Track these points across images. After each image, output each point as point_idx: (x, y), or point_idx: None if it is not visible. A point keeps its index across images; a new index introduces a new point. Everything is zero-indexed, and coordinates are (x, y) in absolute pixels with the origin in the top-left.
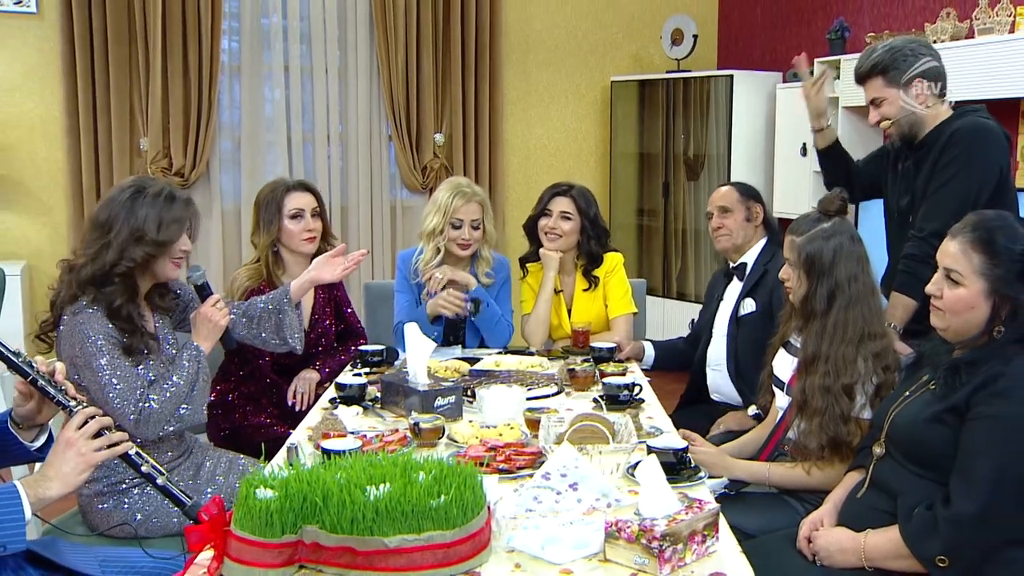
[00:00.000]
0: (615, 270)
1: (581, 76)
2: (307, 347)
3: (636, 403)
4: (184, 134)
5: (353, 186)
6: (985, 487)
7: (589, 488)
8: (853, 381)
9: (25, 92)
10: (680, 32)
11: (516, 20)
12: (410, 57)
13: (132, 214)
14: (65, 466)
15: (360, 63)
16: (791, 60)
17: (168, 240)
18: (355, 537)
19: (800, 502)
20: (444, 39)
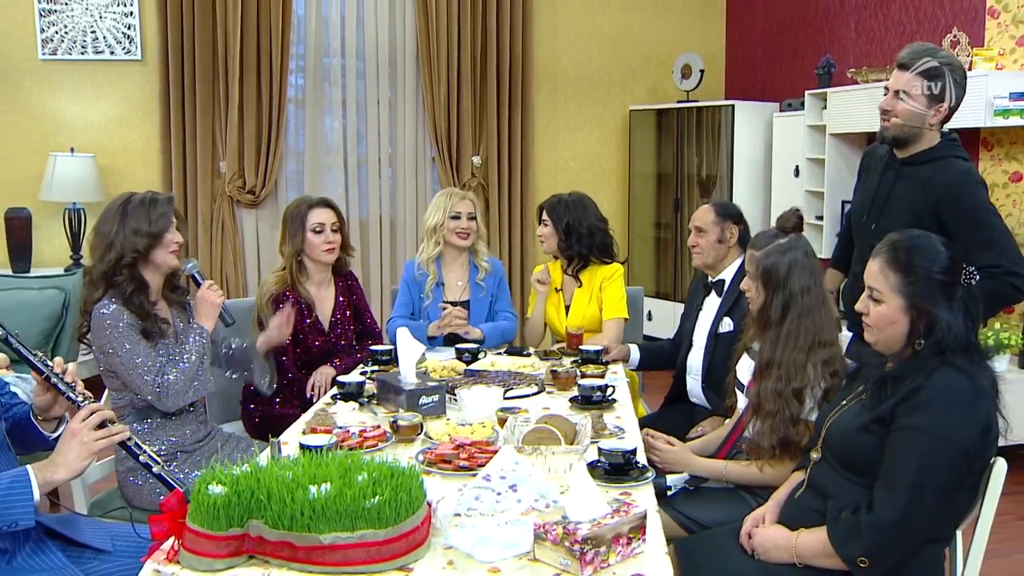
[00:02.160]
0: (612, 278)
1: (603, 106)
2: (327, 346)
3: (608, 404)
4: (256, 158)
5: (400, 202)
6: (905, 494)
7: (528, 489)
8: (803, 386)
9: (131, 125)
10: (689, 67)
11: (545, 57)
12: (451, 89)
13: (126, 216)
14: (70, 453)
15: (408, 95)
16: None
17: (160, 230)
18: (294, 533)
19: (754, 497)
20: (481, 73)
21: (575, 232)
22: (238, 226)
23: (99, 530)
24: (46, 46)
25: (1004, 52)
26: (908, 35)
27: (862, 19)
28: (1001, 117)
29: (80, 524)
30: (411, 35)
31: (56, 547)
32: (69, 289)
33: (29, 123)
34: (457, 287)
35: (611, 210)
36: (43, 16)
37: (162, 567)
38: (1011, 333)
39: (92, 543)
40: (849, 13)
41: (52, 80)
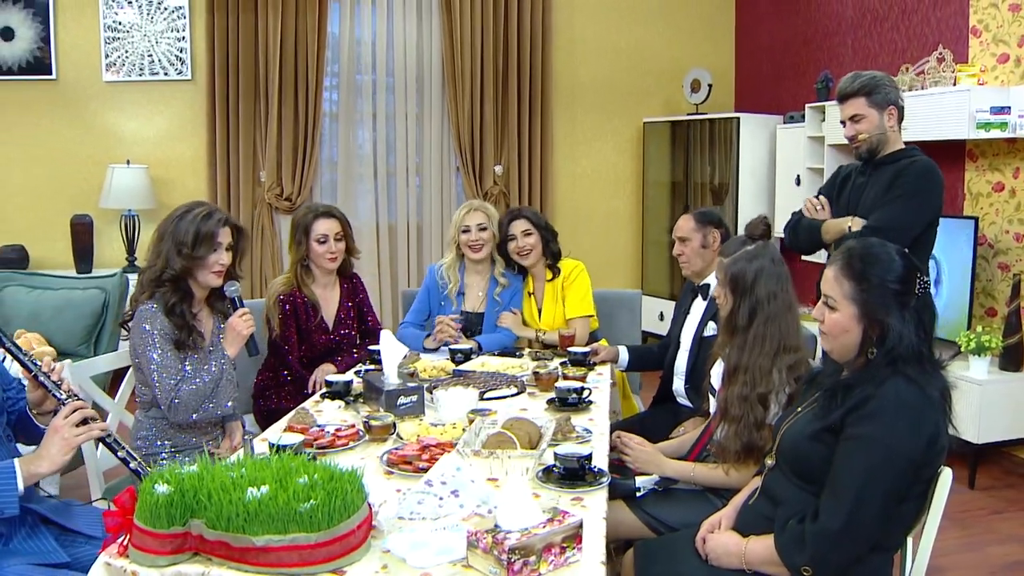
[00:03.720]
0: (573, 275)
1: (618, 117)
2: (331, 344)
3: (584, 405)
4: (293, 167)
5: (427, 208)
6: (848, 503)
7: (470, 495)
8: (768, 391)
9: (181, 139)
10: (698, 81)
11: (564, 71)
12: (475, 103)
13: (177, 229)
14: (52, 448)
15: (434, 109)
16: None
17: (201, 256)
18: (229, 534)
19: (721, 499)
20: (503, 88)
21: (550, 230)
22: (276, 230)
23: (91, 516)
24: (109, 69)
25: (986, 68)
26: (899, 52)
27: (858, 37)
28: (983, 130)
29: (75, 512)
30: (437, 52)
31: (50, 533)
32: (109, 290)
33: (92, 138)
34: (477, 297)
35: (626, 217)
36: (107, 43)
37: (113, 560)
38: (992, 336)
39: (83, 530)
40: (846, 32)
41: (113, 99)
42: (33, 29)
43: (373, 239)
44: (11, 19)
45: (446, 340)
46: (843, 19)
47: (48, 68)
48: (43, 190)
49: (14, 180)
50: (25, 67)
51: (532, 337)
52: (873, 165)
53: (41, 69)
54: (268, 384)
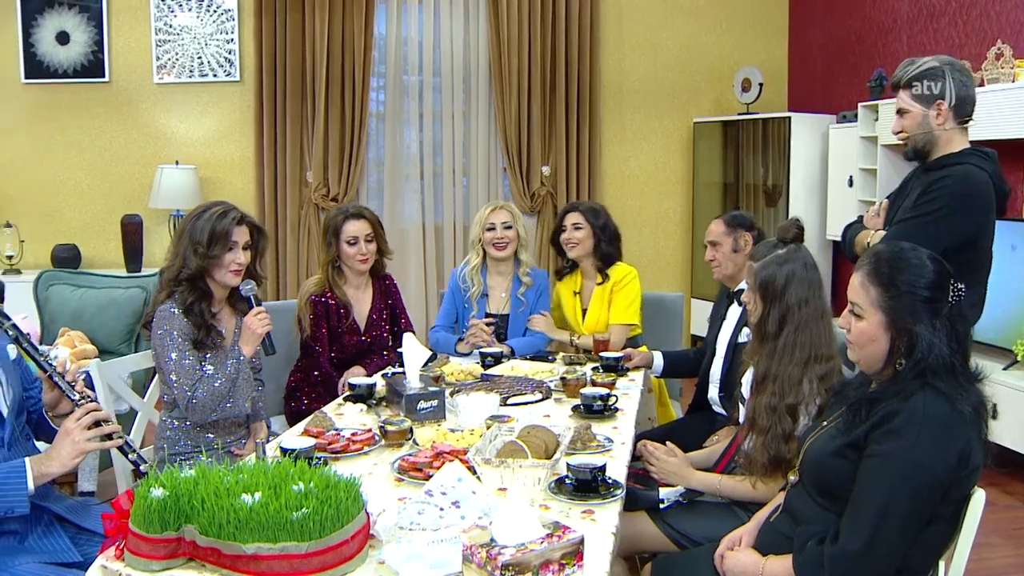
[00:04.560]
0: (625, 281)
1: (668, 117)
2: (362, 346)
3: (610, 413)
4: (339, 168)
5: (474, 210)
6: (869, 525)
7: (471, 506)
8: (797, 402)
9: (229, 139)
10: (749, 80)
11: (612, 70)
12: (522, 103)
13: (193, 228)
14: (63, 450)
15: (481, 109)
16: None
17: (216, 255)
18: (220, 540)
19: (748, 513)
20: (551, 87)
21: (607, 231)
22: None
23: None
24: (160, 71)
25: None
26: (956, 47)
27: (914, 33)
28: None
29: (92, 511)
30: (484, 52)
31: (65, 532)
32: (150, 289)
33: (143, 139)
34: (500, 299)
35: (676, 218)
36: (158, 46)
37: (109, 563)
38: None
39: (98, 529)
40: (901, 27)
41: (164, 100)
42: (87, 33)
43: (419, 240)
44: (67, 24)
45: (479, 344)
46: (898, 15)
47: (101, 71)
48: (95, 190)
49: (68, 180)
50: (80, 70)
51: (566, 341)
52: (923, 168)
53: (95, 72)
54: (299, 385)
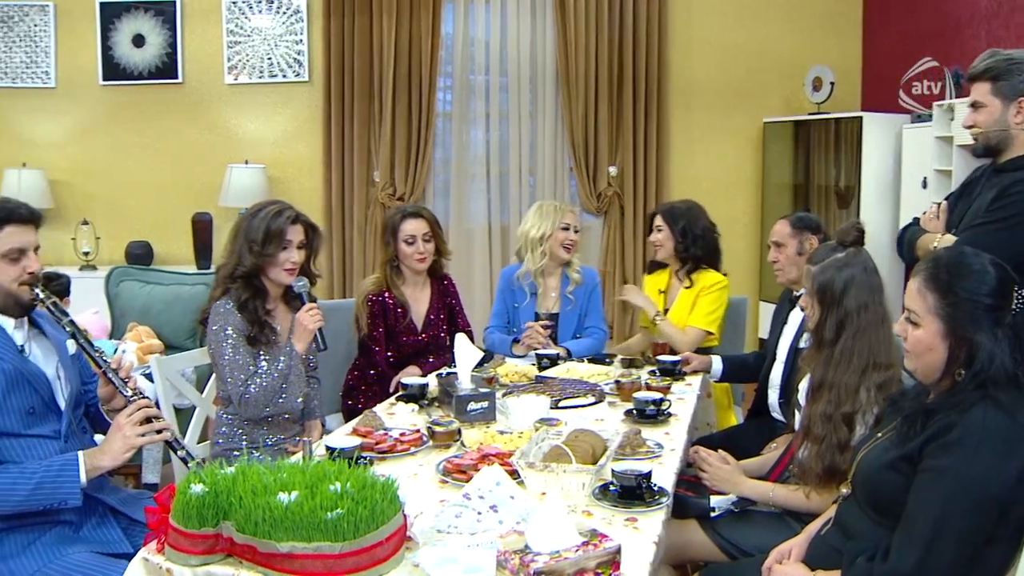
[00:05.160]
0: (713, 288)
1: (737, 117)
2: (419, 345)
3: (664, 418)
4: (406, 168)
5: None
6: (922, 543)
7: (509, 511)
8: (854, 410)
9: (298, 139)
10: (820, 79)
11: (680, 69)
12: (589, 102)
13: (249, 227)
14: (114, 444)
15: (547, 108)
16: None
17: (270, 253)
18: (256, 538)
19: (801, 524)
20: (618, 86)
21: (691, 234)
22: None
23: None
24: (231, 72)
25: None
26: None
27: (992, 28)
28: None
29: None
30: (551, 51)
31: (118, 523)
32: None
33: (214, 138)
34: (550, 298)
35: (745, 219)
36: (230, 47)
37: (151, 556)
38: None
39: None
40: (979, 23)
41: (234, 101)
42: (162, 36)
43: (485, 240)
44: (143, 27)
45: (534, 346)
46: (976, 10)
47: (175, 72)
48: (168, 189)
49: (141, 179)
50: (154, 72)
51: (652, 312)
52: (994, 169)
53: (168, 73)
54: (356, 384)
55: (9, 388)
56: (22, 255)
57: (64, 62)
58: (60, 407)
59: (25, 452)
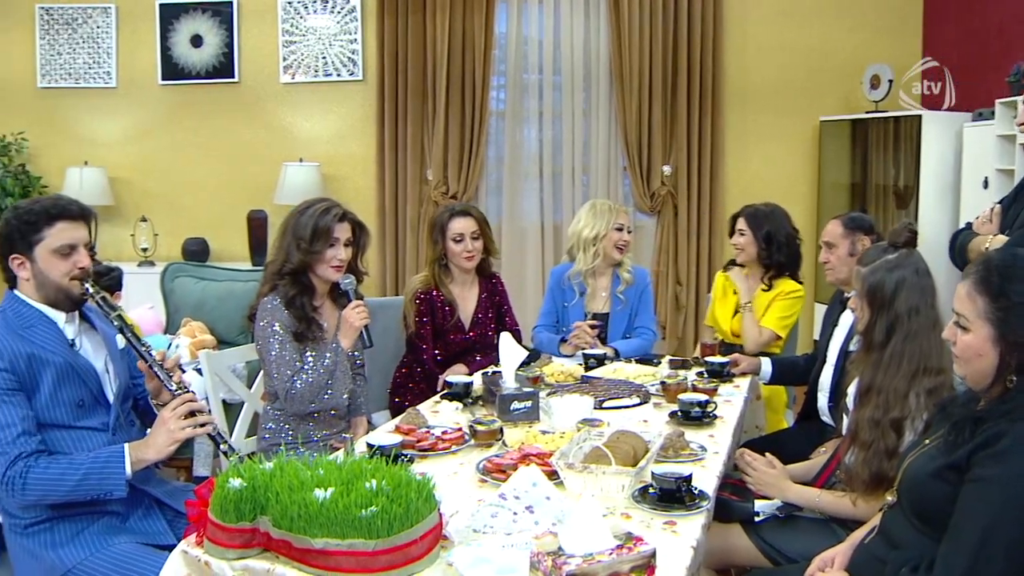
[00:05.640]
0: (790, 295)
1: (793, 117)
2: (466, 344)
3: (709, 420)
4: (459, 166)
5: None
6: (968, 557)
7: (545, 512)
8: (903, 416)
9: (352, 138)
10: (878, 77)
11: (735, 68)
12: (643, 101)
13: (296, 224)
14: (159, 438)
15: (601, 107)
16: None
17: (317, 250)
18: (291, 534)
19: (847, 531)
20: (672, 85)
21: (775, 241)
22: None
23: None
24: (286, 71)
25: None
26: None
27: None
28: None
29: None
30: (605, 50)
31: (163, 515)
32: None
33: (269, 137)
34: (601, 298)
35: (800, 220)
36: (285, 46)
37: (190, 549)
38: None
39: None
40: None
41: (289, 100)
42: (219, 36)
43: (538, 238)
44: (200, 27)
45: (582, 346)
46: None
47: (231, 72)
48: (224, 186)
49: (199, 177)
50: (211, 71)
51: (745, 299)
52: None
53: (225, 72)
54: (404, 381)
55: (59, 381)
56: (73, 251)
57: (124, 62)
58: (109, 400)
59: (74, 444)
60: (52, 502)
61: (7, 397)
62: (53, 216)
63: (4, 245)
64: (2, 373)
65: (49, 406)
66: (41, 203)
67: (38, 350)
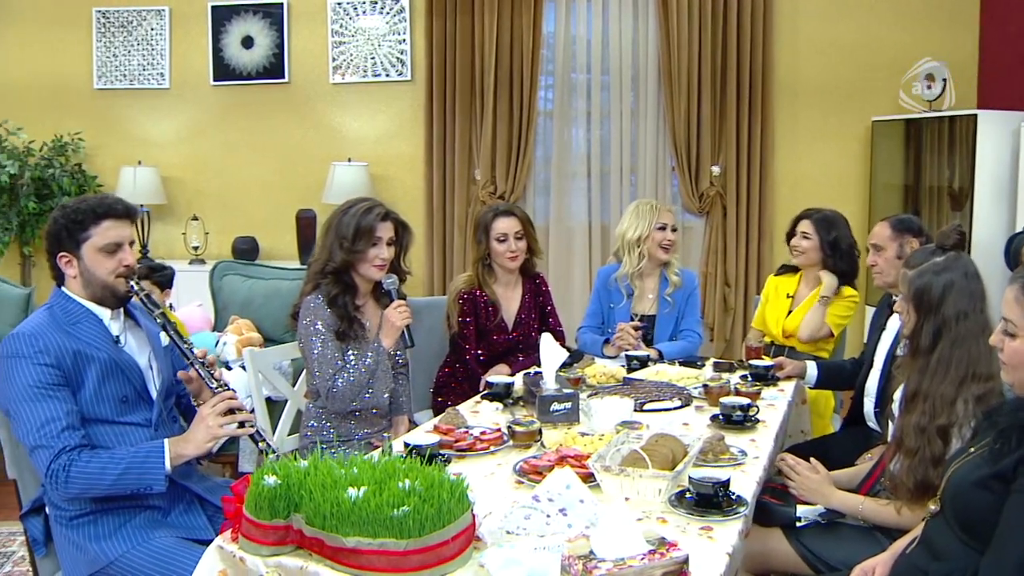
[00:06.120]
0: (845, 297)
1: (845, 116)
2: (509, 344)
3: (751, 424)
4: (507, 166)
5: None
6: (1013, 568)
7: (579, 515)
8: (950, 423)
9: (401, 138)
10: (933, 76)
11: (786, 67)
12: (691, 100)
13: (339, 223)
14: (198, 434)
15: (649, 107)
16: None
17: (360, 249)
18: (324, 532)
19: (890, 540)
20: (721, 85)
21: (839, 248)
22: None
23: None
24: (336, 72)
25: None
26: None
27: None
28: None
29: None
30: (653, 49)
31: (203, 511)
32: None
33: (318, 137)
34: (647, 300)
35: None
36: (335, 47)
37: (226, 545)
38: None
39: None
40: None
41: (338, 100)
42: (270, 37)
43: (585, 238)
44: (251, 29)
45: (625, 347)
46: None
47: (281, 72)
48: (274, 186)
49: (249, 176)
50: (262, 72)
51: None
52: None
53: (275, 73)
54: (446, 381)
55: (104, 377)
56: (118, 248)
57: (177, 64)
58: (152, 396)
59: (117, 439)
60: (94, 495)
61: (52, 392)
62: (99, 215)
63: (52, 243)
64: (48, 369)
65: (93, 401)
66: (88, 202)
67: (84, 346)
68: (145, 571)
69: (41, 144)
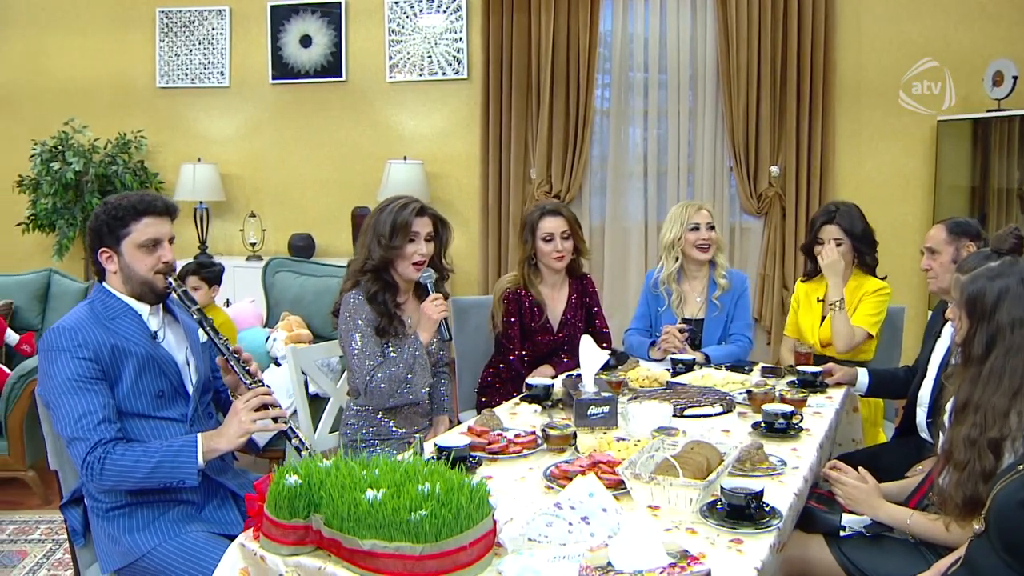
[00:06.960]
0: (877, 292)
1: (909, 115)
2: (554, 345)
3: (794, 432)
4: (563, 164)
5: None
6: None
7: (601, 523)
8: (1002, 436)
9: (456, 136)
10: (1001, 74)
11: (848, 65)
12: (750, 99)
13: (378, 221)
14: (231, 429)
15: (707, 106)
16: None
17: (397, 246)
18: (341, 533)
19: (937, 557)
20: (781, 83)
21: (867, 241)
22: None
23: None
24: (392, 70)
25: None
26: None
27: None
28: None
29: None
30: (712, 48)
31: (236, 506)
32: None
33: (375, 135)
34: (696, 303)
35: (916, 224)
36: (391, 46)
37: (247, 543)
38: None
39: None
40: None
41: (395, 98)
42: (327, 36)
43: (641, 238)
44: (309, 28)
45: (671, 351)
46: None
47: (339, 70)
48: (330, 183)
49: (306, 173)
50: (319, 70)
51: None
52: None
53: (333, 71)
54: (491, 381)
55: (141, 371)
56: (157, 245)
57: (237, 62)
58: (188, 392)
59: (153, 433)
60: (128, 488)
61: (90, 386)
62: (139, 211)
63: (94, 239)
64: (86, 362)
65: (130, 396)
66: (128, 199)
67: (122, 341)
68: (175, 565)
69: (105, 142)
